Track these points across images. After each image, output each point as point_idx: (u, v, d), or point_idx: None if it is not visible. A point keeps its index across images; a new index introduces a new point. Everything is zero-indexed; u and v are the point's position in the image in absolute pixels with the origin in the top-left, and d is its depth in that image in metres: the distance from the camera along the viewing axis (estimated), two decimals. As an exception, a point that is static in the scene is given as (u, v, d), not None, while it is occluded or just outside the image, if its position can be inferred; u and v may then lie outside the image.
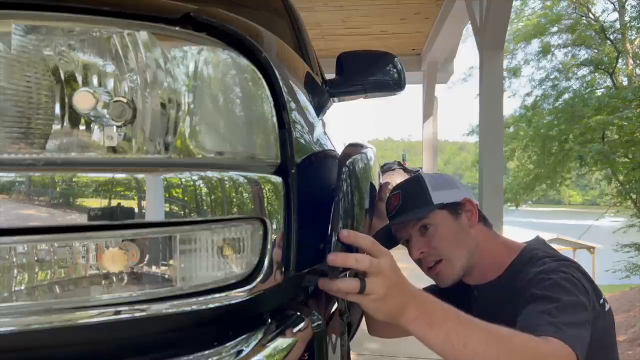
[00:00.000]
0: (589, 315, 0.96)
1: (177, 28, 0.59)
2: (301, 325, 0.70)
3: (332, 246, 0.76)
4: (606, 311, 1.04)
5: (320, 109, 1.12)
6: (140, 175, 0.54)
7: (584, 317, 0.95)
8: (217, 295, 0.59)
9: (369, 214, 0.98)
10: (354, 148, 1.01)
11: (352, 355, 1.55)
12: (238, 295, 0.61)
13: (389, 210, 1.26)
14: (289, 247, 0.67)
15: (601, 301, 1.04)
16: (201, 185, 0.57)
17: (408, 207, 1.20)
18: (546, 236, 1.35)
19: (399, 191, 1.25)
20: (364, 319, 1.37)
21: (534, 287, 1.01)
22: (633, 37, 11.43)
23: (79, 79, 0.53)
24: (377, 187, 1.21)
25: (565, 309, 0.94)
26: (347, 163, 0.85)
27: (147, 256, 0.55)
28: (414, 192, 1.22)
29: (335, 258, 0.74)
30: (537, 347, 0.86)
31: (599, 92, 11.20)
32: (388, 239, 1.24)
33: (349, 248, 0.78)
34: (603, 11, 18.69)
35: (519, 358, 0.84)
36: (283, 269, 0.66)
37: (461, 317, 0.84)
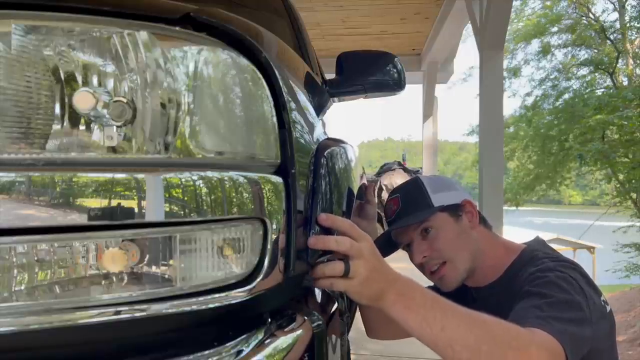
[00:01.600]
0: (584, 315, 0.95)
1: (177, 28, 0.59)
2: (301, 325, 0.70)
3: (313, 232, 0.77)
4: (607, 313, 1.03)
5: (320, 109, 1.12)
6: (140, 175, 0.54)
7: (577, 315, 0.94)
8: (217, 295, 0.59)
9: (348, 209, 0.99)
10: (333, 141, 1.01)
11: (352, 356, 1.55)
12: (238, 295, 0.61)
13: (387, 215, 1.25)
14: (289, 247, 0.67)
15: (602, 303, 1.02)
16: (201, 185, 0.57)
17: (408, 210, 1.19)
18: (546, 236, 1.35)
19: (398, 195, 1.23)
20: (361, 321, 1.36)
21: (528, 285, 1.01)
22: (633, 37, 11.44)
23: (79, 79, 0.53)
24: (356, 187, 1.21)
25: (556, 305, 0.94)
26: (325, 153, 0.85)
27: (147, 256, 0.55)
28: (413, 195, 1.21)
29: (316, 241, 0.75)
30: (519, 336, 0.85)
31: (599, 92, 11.20)
32: (388, 244, 1.23)
33: (329, 234, 0.78)
34: (603, 11, 18.72)
35: (499, 345, 0.83)
36: (283, 269, 0.66)
37: (440, 303, 0.85)
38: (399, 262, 1.16)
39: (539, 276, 1.02)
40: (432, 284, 1.25)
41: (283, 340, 0.64)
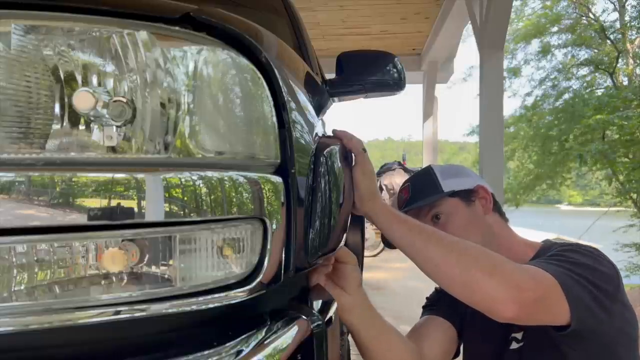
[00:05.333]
0: (600, 283, 0.90)
1: (176, 28, 0.59)
2: (301, 325, 0.70)
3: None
4: (630, 306, 1.00)
5: (320, 109, 1.12)
6: (140, 175, 0.54)
7: (591, 274, 0.89)
8: (217, 295, 0.59)
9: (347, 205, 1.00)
10: (331, 139, 1.01)
11: (352, 356, 1.55)
12: (238, 295, 0.61)
13: (399, 204, 1.24)
14: (289, 247, 0.67)
15: (626, 297, 1.00)
16: (201, 185, 0.57)
17: (417, 197, 1.18)
18: (546, 236, 1.34)
19: (408, 184, 1.24)
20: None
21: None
22: (633, 37, 11.42)
23: (79, 78, 0.53)
24: None
25: (570, 263, 0.91)
26: (325, 152, 0.85)
27: (147, 256, 0.55)
28: (424, 182, 1.20)
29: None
30: (506, 263, 0.87)
31: (599, 92, 11.19)
32: None
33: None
34: (603, 11, 18.54)
35: (477, 259, 0.87)
36: (283, 269, 0.66)
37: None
38: (400, 261, 1.16)
39: (559, 250, 1.00)
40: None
41: (283, 340, 0.64)
